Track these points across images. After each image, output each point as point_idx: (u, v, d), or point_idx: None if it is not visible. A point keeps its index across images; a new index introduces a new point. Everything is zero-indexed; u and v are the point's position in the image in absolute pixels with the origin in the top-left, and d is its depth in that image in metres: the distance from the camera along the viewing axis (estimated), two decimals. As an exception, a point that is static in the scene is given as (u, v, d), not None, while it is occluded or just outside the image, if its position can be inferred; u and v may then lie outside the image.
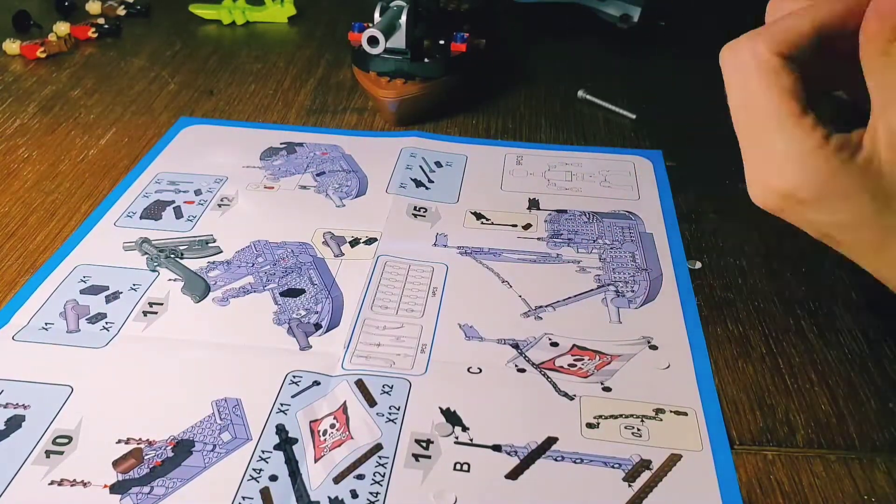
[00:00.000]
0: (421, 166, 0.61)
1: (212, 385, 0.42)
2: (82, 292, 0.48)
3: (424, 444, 0.39)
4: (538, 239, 0.54)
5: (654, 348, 0.45)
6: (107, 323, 0.46)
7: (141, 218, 0.55)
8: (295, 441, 0.39)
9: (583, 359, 0.44)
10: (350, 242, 0.53)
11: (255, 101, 0.72)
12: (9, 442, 0.39)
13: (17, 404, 0.41)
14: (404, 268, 0.51)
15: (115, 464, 0.38)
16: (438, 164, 0.62)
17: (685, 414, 0.41)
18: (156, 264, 0.50)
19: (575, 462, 0.38)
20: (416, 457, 0.38)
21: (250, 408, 0.41)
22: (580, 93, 0.72)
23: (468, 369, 0.43)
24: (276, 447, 0.39)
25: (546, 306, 0.48)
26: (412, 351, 0.44)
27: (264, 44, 0.83)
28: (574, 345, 0.45)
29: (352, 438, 0.39)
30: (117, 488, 0.36)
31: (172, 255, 0.51)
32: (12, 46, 0.78)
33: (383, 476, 0.37)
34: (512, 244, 0.53)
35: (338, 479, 0.37)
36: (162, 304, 0.47)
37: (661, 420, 0.40)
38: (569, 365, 0.44)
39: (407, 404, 0.41)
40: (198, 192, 0.58)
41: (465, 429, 0.40)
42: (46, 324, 0.46)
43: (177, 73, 0.76)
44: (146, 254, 0.51)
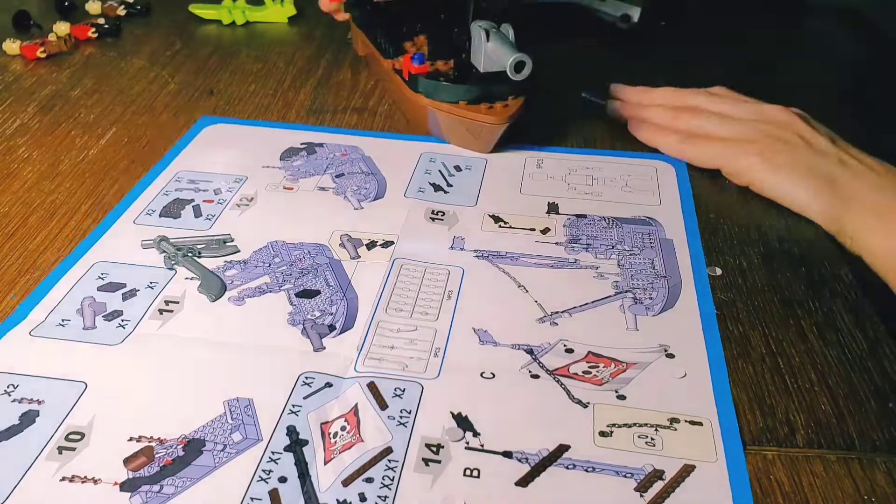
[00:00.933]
0: (440, 171, 0.61)
1: (224, 384, 0.42)
2: (100, 289, 0.48)
3: (434, 449, 0.39)
4: (556, 243, 0.53)
5: (670, 356, 0.44)
6: (123, 320, 0.46)
7: (160, 216, 0.55)
8: (305, 443, 0.39)
9: (598, 366, 0.44)
10: (367, 245, 0.53)
11: (256, 101, 0.72)
12: (22, 437, 0.39)
13: (31, 399, 0.41)
14: (420, 271, 0.51)
15: (126, 461, 0.38)
16: (458, 168, 0.61)
17: (700, 424, 0.40)
18: (173, 262, 0.50)
19: (587, 471, 0.38)
20: (426, 461, 0.38)
21: (262, 408, 0.41)
22: (584, 94, 0.71)
23: (481, 374, 0.43)
24: (287, 448, 0.38)
25: (562, 312, 0.47)
26: (425, 354, 0.44)
27: (264, 44, 0.84)
28: (589, 352, 0.44)
29: (362, 441, 0.39)
30: (127, 486, 0.37)
31: (190, 254, 0.51)
32: (12, 46, 0.79)
33: (392, 480, 0.37)
34: (530, 248, 0.53)
35: (347, 482, 0.37)
36: (178, 303, 0.47)
37: (676, 430, 0.40)
38: (583, 372, 0.43)
39: (418, 408, 0.41)
40: (217, 192, 0.58)
41: (476, 434, 0.39)
42: (63, 320, 0.46)
43: (177, 73, 0.77)
44: (164, 252, 0.51)
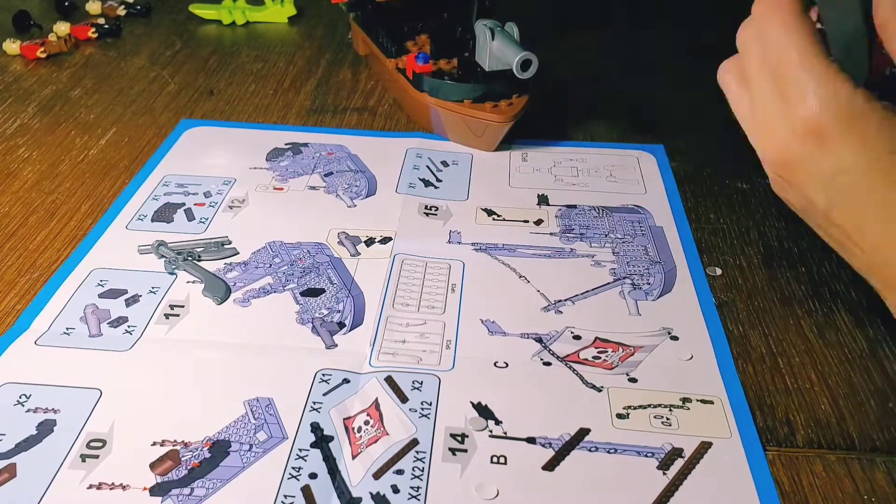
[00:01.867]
0: (428, 166, 0.62)
1: (242, 385, 0.42)
2: (101, 296, 0.48)
3: (460, 439, 0.39)
4: (551, 234, 0.54)
5: (674, 339, 0.45)
6: (129, 326, 0.46)
7: (152, 221, 0.55)
8: (331, 438, 0.39)
9: (606, 351, 0.45)
10: (365, 242, 0.53)
11: (255, 101, 0.71)
12: (42, 447, 0.38)
13: (46, 409, 0.40)
14: (421, 265, 0.51)
15: (153, 466, 0.38)
16: (445, 164, 0.62)
17: (711, 402, 0.42)
18: (174, 267, 0.50)
19: (609, 452, 0.39)
20: (453, 451, 0.39)
21: (283, 407, 0.41)
22: None
23: (495, 364, 0.44)
24: (313, 445, 0.39)
25: (565, 300, 0.48)
26: (437, 347, 0.45)
27: (264, 44, 0.83)
28: (597, 337, 0.46)
29: (387, 434, 0.39)
30: (157, 490, 0.36)
31: (190, 258, 0.51)
32: (12, 46, 0.78)
33: (422, 471, 0.38)
34: (525, 240, 0.54)
35: (377, 475, 0.37)
36: (183, 307, 0.47)
37: (689, 409, 0.41)
38: (593, 357, 0.44)
39: (438, 399, 0.41)
40: (207, 194, 0.58)
41: (497, 422, 0.40)
42: (68, 328, 0.45)
43: (177, 73, 0.76)
44: (163, 256, 0.51)
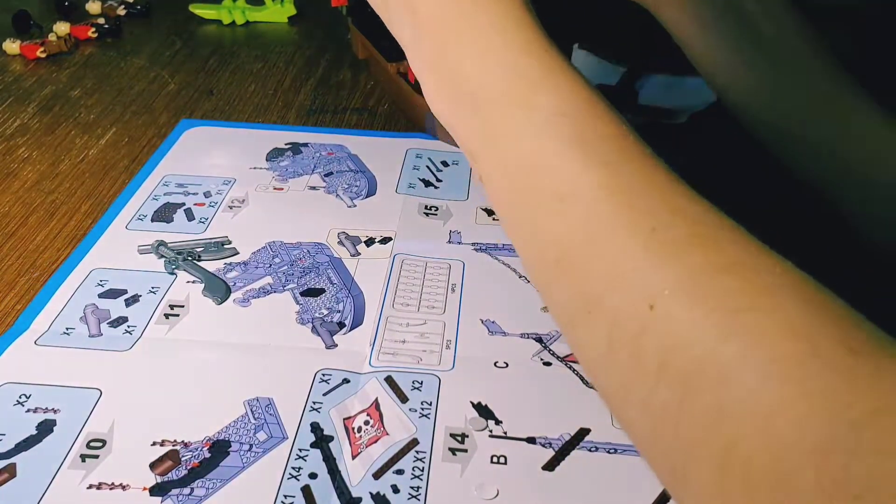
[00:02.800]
0: (428, 166, 0.62)
1: (242, 385, 0.42)
2: (101, 296, 0.48)
3: (460, 438, 0.39)
4: (551, 235, 0.54)
5: (675, 339, 0.45)
6: (129, 326, 0.46)
7: (152, 220, 0.55)
8: (331, 438, 0.39)
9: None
10: (365, 242, 0.53)
11: (255, 101, 0.71)
12: (42, 447, 0.38)
13: (46, 409, 0.40)
14: (421, 265, 0.51)
15: (153, 466, 0.38)
16: (445, 164, 0.62)
17: (711, 402, 0.41)
18: (174, 267, 0.50)
19: (609, 452, 0.39)
20: (453, 451, 0.39)
21: (283, 407, 0.41)
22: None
23: (495, 364, 0.44)
24: (313, 445, 0.39)
25: (565, 300, 0.48)
26: (437, 347, 0.45)
27: (264, 44, 0.83)
28: (597, 337, 0.46)
29: (387, 434, 0.39)
30: (157, 490, 0.36)
31: (190, 258, 0.51)
32: (12, 46, 0.78)
33: (422, 471, 0.38)
34: (526, 240, 0.54)
35: (377, 475, 0.37)
36: (183, 307, 0.47)
37: (689, 409, 0.41)
38: (593, 357, 0.44)
39: (438, 399, 0.41)
40: (207, 195, 0.58)
41: (498, 422, 0.40)
42: (68, 328, 0.45)
43: (177, 73, 0.76)
44: (163, 256, 0.51)
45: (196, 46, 0.82)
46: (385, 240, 0.53)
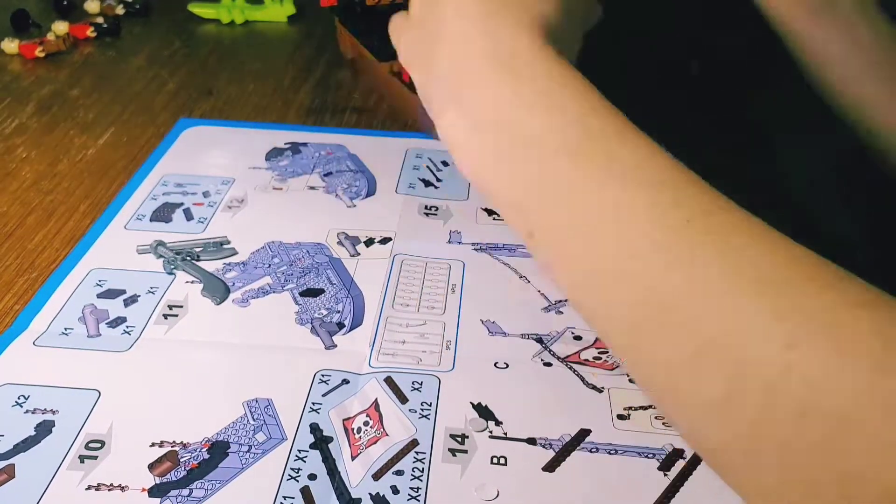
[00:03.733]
0: (428, 166, 0.62)
1: (241, 386, 0.42)
2: (99, 296, 0.48)
3: (460, 439, 0.39)
4: (551, 235, 0.54)
5: (675, 340, 0.45)
6: (128, 326, 0.45)
7: (151, 220, 0.54)
8: (330, 439, 0.39)
9: (607, 351, 0.44)
10: (365, 242, 0.53)
11: (255, 101, 0.71)
12: (41, 447, 0.38)
13: (44, 409, 0.40)
14: (421, 266, 0.51)
15: (152, 467, 0.37)
16: (445, 164, 0.62)
17: (712, 403, 0.41)
18: (172, 267, 0.50)
19: (610, 453, 0.39)
20: (453, 451, 0.38)
21: (282, 408, 0.41)
22: None
23: (495, 364, 0.44)
24: (312, 446, 0.39)
25: (565, 300, 0.48)
26: (437, 347, 0.45)
27: (264, 43, 0.83)
28: (597, 338, 0.45)
29: (387, 435, 0.39)
30: (156, 491, 0.36)
31: (189, 258, 0.50)
32: (11, 46, 0.77)
33: (422, 472, 0.37)
34: (526, 240, 0.53)
35: (377, 476, 0.37)
36: (182, 307, 0.47)
37: (690, 410, 0.41)
38: (594, 358, 0.44)
39: (438, 400, 0.41)
40: (206, 194, 0.57)
41: (498, 423, 0.40)
42: (66, 329, 0.45)
43: (176, 73, 0.76)
44: (162, 256, 0.51)
45: (195, 46, 0.82)
46: (385, 240, 0.53)
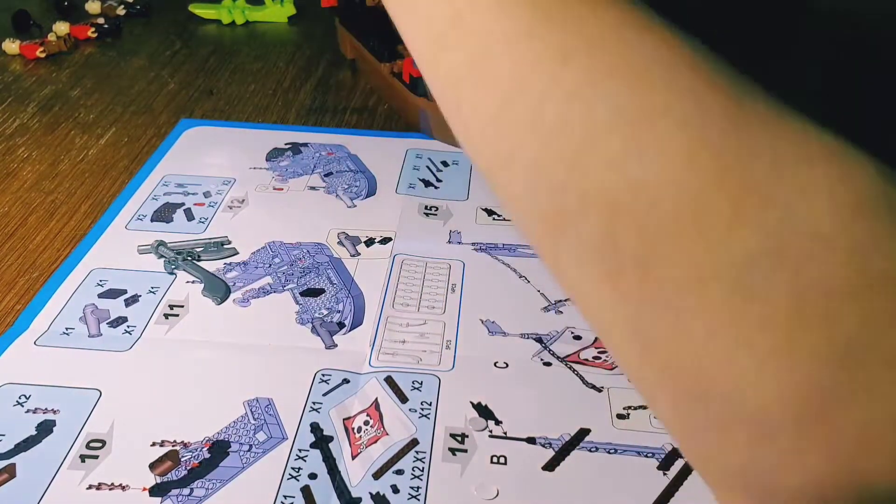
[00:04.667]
0: (428, 166, 0.62)
1: (241, 385, 0.42)
2: (100, 296, 0.48)
3: (459, 439, 0.39)
4: (551, 235, 0.54)
5: (675, 339, 0.45)
6: (128, 326, 0.45)
7: (152, 220, 0.54)
8: (330, 439, 0.39)
9: (607, 351, 0.45)
10: (365, 242, 0.53)
11: (255, 101, 0.71)
12: (42, 447, 0.38)
13: (46, 409, 0.40)
14: (421, 265, 0.51)
15: (152, 466, 0.37)
16: (445, 164, 0.62)
17: (711, 402, 0.41)
18: (173, 267, 0.50)
19: (609, 452, 0.39)
20: (453, 451, 0.39)
21: (283, 407, 0.41)
22: None
23: (495, 364, 0.44)
24: (313, 445, 0.39)
25: (565, 300, 0.48)
26: (437, 347, 0.45)
27: (264, 43, 0.83)
28: (597, 337, 0.45)
29: (387, 435, 0.39)
30: (157, 491, 0.36)
31: (189, 258, 0.51)
32: (12, 46, 0.78)
33: (422, 471, 0.37)
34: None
35: (377, 475, 0.37)
36: (182, 307, 0.47)
37: (689, 409, 0.41)
38: (593, 357, 0.44)
39: (438, 400, 0.41)
40: (207, 195, 0.57)
41: (498, 422, 0.40)
42: (67, 328, 0.45)
43: (176, 73, 0.76)
44: (163, 256, 0.51)
45: (196, 46, 0.82)
46: (385, 240, 0.53)
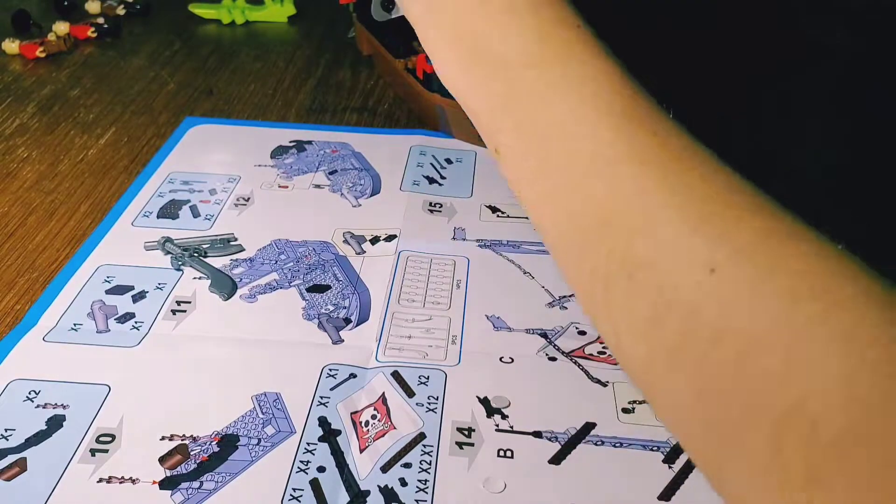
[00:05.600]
0: (432, 163, 0.62)
1: (249, 380, 0.42)
2: (108, 292, 0.48)
3: (466, 433, 0.40)
4: (555, 231, 0.54)
5: (679, 334, 0.46)
6: (136, 322, 0.46)
7: (158, 217, 0.55)
8: (338, 433, 0.39)
9: (611, 346, 0.45)
10: (370, 240, 0.53)
11: (255, 101, 0.72)
12: (52, 441, 0.39)
13: (55, 404, 0.41)
14: (426, 262, 0.51)
15: (162, 460, 0.38)
16: (449, 161, 0.62)
17: (716, 397, 0.42)
18: (180, 263, 0.50)
19: (615, 446, 0.39)
20: (460, 445, 0.39)
21: (290, 401, 0.41)
22: None
23: (500, 359, 0.44)
24: (321, 439, 0.39)
25: (570, 296, 0.49)
26: (443, 342, 0.45)
27: (264, 43, 0.83)
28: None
29: (394, 428, 0.40)
30: (167, 484, 0.37)
31: (196, 254, 0.51)
32: (11, 46, 0.78)
33: (430, 464, 0.38)
34: (530, 236, 0.54)
35: (385, 469, 0.38)
36: (190, 303, 0.47)
37: (694, 403, 0.41)
38: (598, 352, 0.45)
39: (445, 394, 0.42)
40: (213, 192, 0.58)
41: (504, 416, 0.40)
42: (75, 324, 0.46)
43: (176, 73, 0.76)
44: (169, 253, 0.51)
45: (195, 46, 0.82)
46: (390, 237, 0.53)
